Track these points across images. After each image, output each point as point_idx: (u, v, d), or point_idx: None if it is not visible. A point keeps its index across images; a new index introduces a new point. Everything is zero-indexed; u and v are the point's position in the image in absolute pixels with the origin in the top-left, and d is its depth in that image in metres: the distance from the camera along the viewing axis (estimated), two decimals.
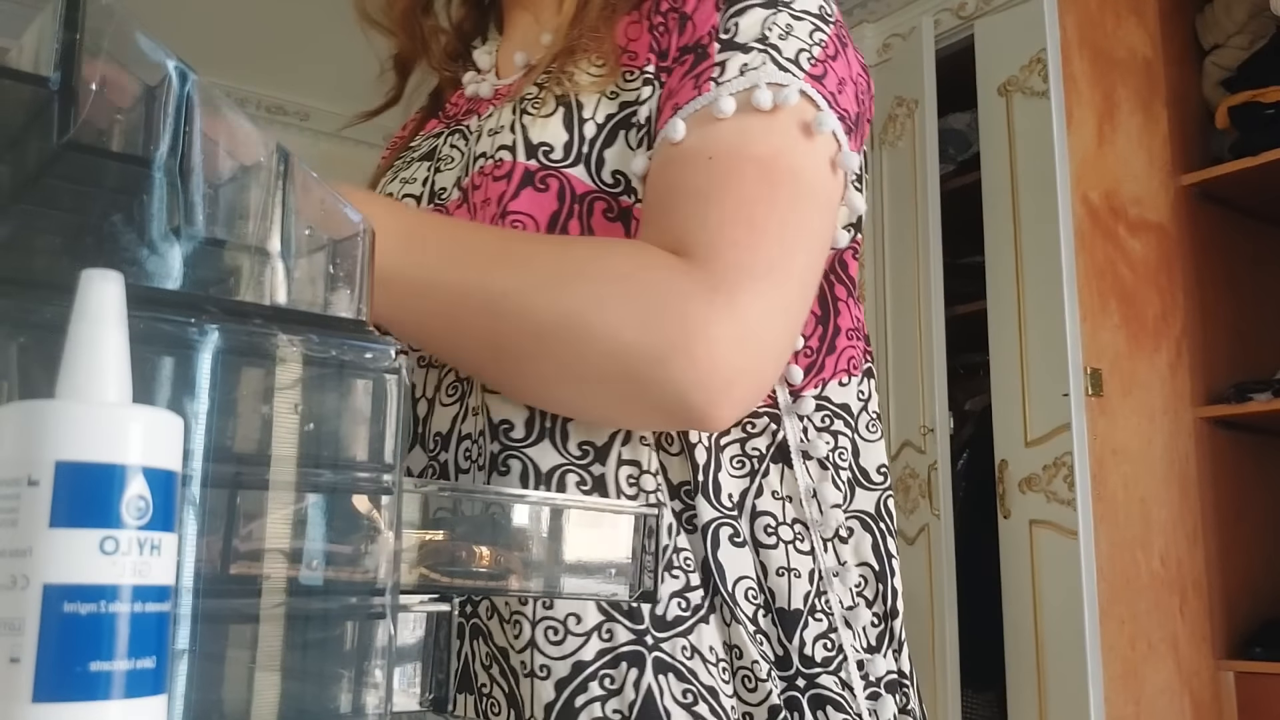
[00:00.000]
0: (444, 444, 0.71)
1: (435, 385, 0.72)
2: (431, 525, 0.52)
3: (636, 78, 0.71)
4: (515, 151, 0.71)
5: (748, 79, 0.66)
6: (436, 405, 0.72)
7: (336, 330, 0.43)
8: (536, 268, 0.62)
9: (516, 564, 0.56)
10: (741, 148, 0.65)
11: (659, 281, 0.62)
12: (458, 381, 0.71)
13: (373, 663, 0.42)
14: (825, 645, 0.67)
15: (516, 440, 0.67)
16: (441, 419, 0.71)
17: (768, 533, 0.68)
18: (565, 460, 0.66)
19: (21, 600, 0.30)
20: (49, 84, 0.40)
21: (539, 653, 0.63)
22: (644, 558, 0.58)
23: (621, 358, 0.61)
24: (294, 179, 0.45)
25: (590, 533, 0.57)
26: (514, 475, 0.66)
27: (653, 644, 0.64)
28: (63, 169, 0.41)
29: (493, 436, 0.67)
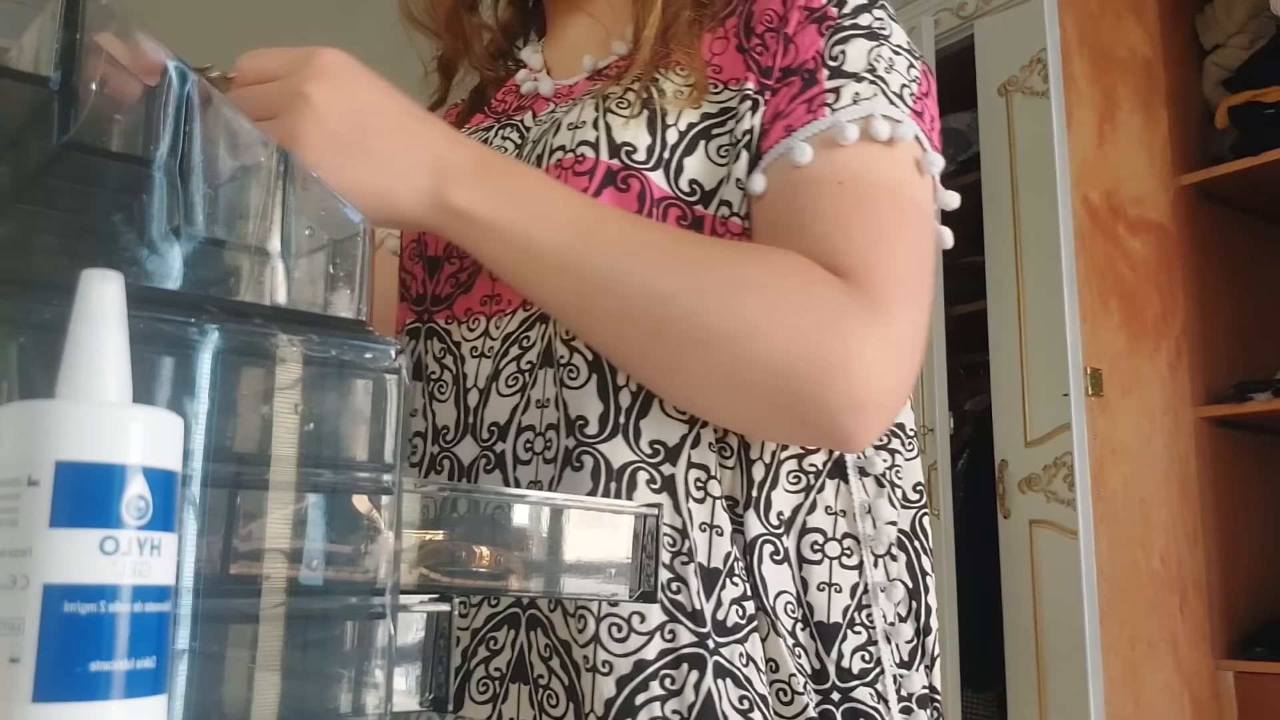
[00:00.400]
0: (501, 434, 0.70)
1: (490, 375, 0.72)
2: (433, 525, 0.52)
3: (721, 90, 0.72)
4: (598, 149, 0.71)
5: (862, 108, 0.68)
6: (492, 395, 0.72)
7: (336, 330, 0.43)
8: (710, 273, 0.63)
9: (516, 564, 0.56)
10: (867, 174, 0.67)
11: (826, 300, 0.63)
12: (519, 373, 0.71)
13: (373, 663, 0.42)
14: (864, 658, 0.68)
15: (590, 436, 0.67)
16: (498, 409, 0.71)
17: (814, 549, 0.69)
18: (637, 458, 0.67)
19: (21, 600, 0.30)
20: (49, 84, 0.40)
21: (602, 648, 0.64)
22: (644, 558, 0.58)
23: (783, 371, 0.62)
24: (294, 179, 0.45)
25: (590, 533, 0.57)
26: (586, 471, 0.66)
27: (714, 648, 0.64)
28: (63, 169, 0.41)
29: (568, 431, 0.68)
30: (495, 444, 0.70)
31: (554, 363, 0.69)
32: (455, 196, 0.62)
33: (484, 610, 0.68)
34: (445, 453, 0.73)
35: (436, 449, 0.73)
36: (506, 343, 0.72)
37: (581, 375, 0.68)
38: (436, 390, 0.75)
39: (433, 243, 0.79)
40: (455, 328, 0.76)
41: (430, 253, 0.79)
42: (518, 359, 0.71)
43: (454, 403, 0.73)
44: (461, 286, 0.76)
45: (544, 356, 0.70)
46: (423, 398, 0.75)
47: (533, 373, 0.70)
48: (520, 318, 0.72)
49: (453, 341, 0.75)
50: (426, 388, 0.76)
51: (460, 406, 0.73)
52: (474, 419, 0.72)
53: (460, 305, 0.76)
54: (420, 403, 0.75)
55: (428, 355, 0.76)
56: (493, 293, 0.74)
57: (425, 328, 0.78)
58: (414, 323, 0.79)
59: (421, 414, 0.75)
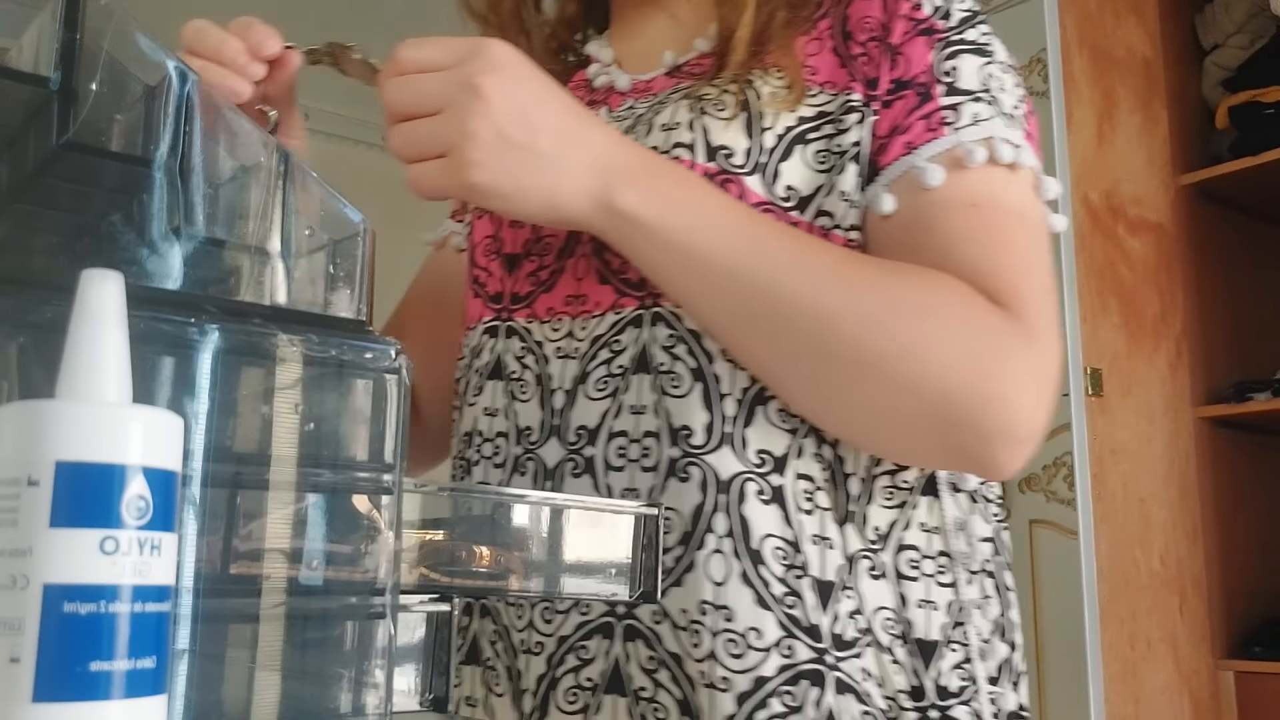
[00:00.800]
0: (590, 438, 0.69)
1: (577, 377, 0.71)
2: (432, 525, 0.52)
3: (817, 94, 0.70)
4: (695, 151, 0.70)
5: (982, 129, 0.67)
6: (580, 398, 0.70)
7: (336, 330, 0.43)
8: (875, 294, 0.62)
9: (516, 564, 0.56)
10: (998, 197, 0.67)
11: (988, 327, 0.63)
12: (610, 377, 0.69)
13: (373, 663, 0.42)
14: (960, 675, 0.66)
15: (697, 447, 0.66)
16: (587, 412, 0.70)
17: (911, 566, 0.68)
18: (745, 468, 0.65)
19: (21, 600, 0.30)
20: (49, 84, 0.40)
21: (719, 665, 0.62)
22: (644, 558, 0.58)
23: (946, 398, 0.61)
24: (294, 179, 0.45)
25: (590, 533, 0.57)
26: (694, 483, 0.65)
27: (832, 663, 0.63)
28: (63, 169, 0.41)
29: (671, 441, 0.66)
30: (583, 448, 0.69)
31: (651, 369, 0.68)
32: (621, 198, 0.61)
33: (573, 618, 0.67)
34: (529, 454, 0.71)
35: (520, 450, 0.72)
36: (595, 345, 0.70)
37: (685, 384, 0.67)
38: (518, 390, 0.73)
39: (510, 239, 0.77)
40: (536, 327, 0.74)
41: (508, 250, 0.77)
42: (608, 362, 0.70)
43: (538, 404, 0.72)
44: (543, 285, 0.75)
45: (638, 362, 0.68)
46: (505, 397, 0.74)
47: (625, 377, 0.69)
48: (610, 321, 0.70)
49: (533, 341, 0.74)
50: (507, 387, 0.74)
51: (545, 408, 0.71)
52: (560, 421, 0.70)
53: (541, 304, 0.74)
54: (502, 402, 0.74)
55: (508, 354, 0.75)
56: (577, 293, 0.73)
57: (504, 326, 0.76)
58: (492, 320, 0.77)
59: (503, 414, 0.73)
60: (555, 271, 0.74)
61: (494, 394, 0.74)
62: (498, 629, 0.70)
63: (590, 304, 0.72)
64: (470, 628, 0.73)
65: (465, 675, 0.73)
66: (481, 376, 0.76)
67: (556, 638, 0.67)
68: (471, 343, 0.78)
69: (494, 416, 0.74)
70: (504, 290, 0.77)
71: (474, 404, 0.76)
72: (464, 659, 0.73)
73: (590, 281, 0.71)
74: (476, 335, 0.78)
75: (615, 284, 0.71)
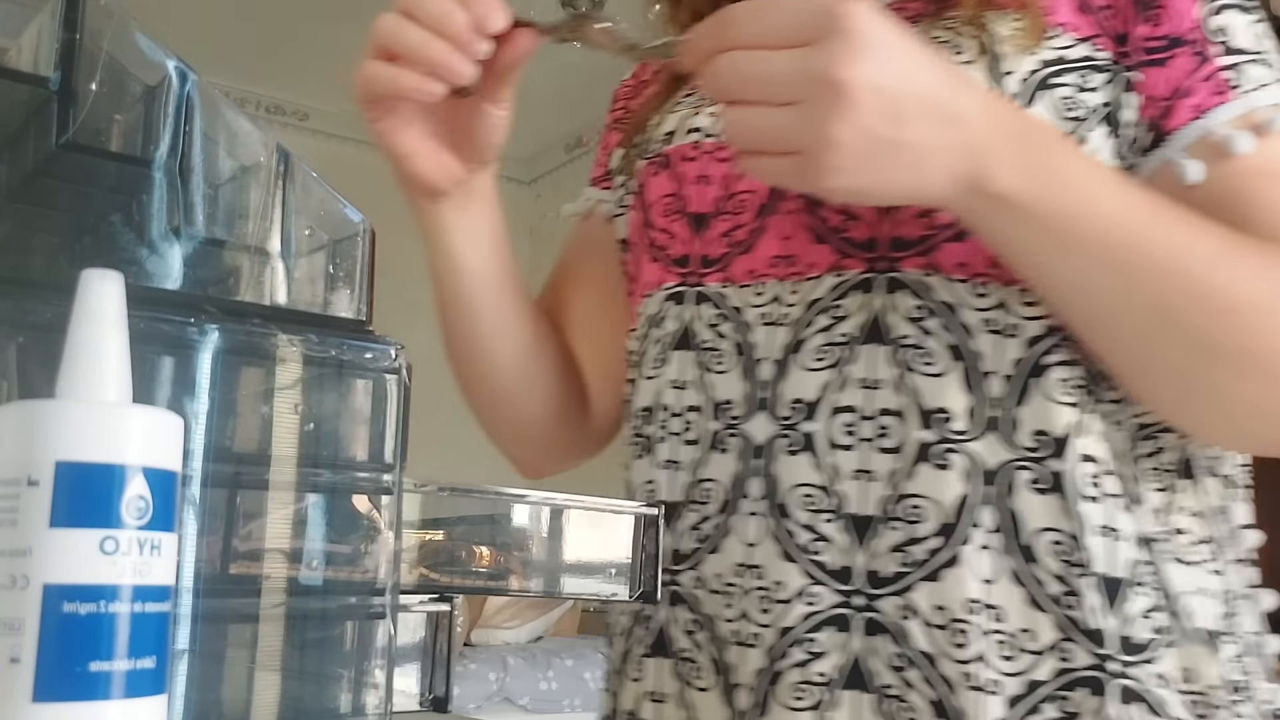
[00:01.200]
0: (809, 413, 0.63)
1: (788, 345, 0.65)
2: (432, 525, 0.52)
3: (1057, 35, 0.64)
4: None
5: (1271, 94, 0.63)
6: (793, 368, 0.64)
7: (336, 330, 0.43)
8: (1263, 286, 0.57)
9: (516, 564, 0.56)
10: None
11: None
12: (831, 345, 0.63)
13: (373, 663, 0.42)
14: (1240, 670, 0.62)
15: (958, 433, 0.60)
16: (802, 384, 0.64)
17: (1188, 550, 0.63)
18: (1015, 456, 0.60)
19: (21, 600, 0.30)
20: (49, 84, 0.40)
21: (988, 666, 0.58)
22: (644, 558, 0.58)
23: None
24: (294, 179, 0.45)
25: (590, 533, 0.58)
26: (956, 472, 0.60)
27: (1118, 670, 0.58)
28: (62, 169, 0.41)
29: (923, 423, 0.61)
30: (800, 423, 0.63)
31: (888, 340, 0.62)
32: (995, 182, 0.54)
33: (796, 608, 0.61)
34: (730, 430, 0.65)
35: (719, 425, 0.66)
36: (812, 310, 0.64)
37: (939, 361, 0.61)
38: (712, 361, 0.67)
39: (696, 197, 0.71)
40: (734, 291, 0.67)
41: (694, 208, 0.70)
42: (828, 329, 0.64)
43: (740, 375, 0.66)
44: (740, 246, 0.68)
45: (869, 330, 0.62)
46: (696, 368, 0.68)
47: (851, 346, 0.63)
48: (829, 284, 0.64)
49: (729, 306, 0.67)
50: (699, 358, 0.68)
51: (749, 379, 0.65)
52: (768, 393, 0.64)
53: (739, 267, 0.68)
54: (693, 374, 0.68)
55: (698, 322, 0.68)
56: (785, 253, 0.66)
57: (693, 291, 0.69)
58: (676, 286, 0.70)
59: (695, 387, 0.67)
60: (755, 230, 0.68)
61: (682, 365, 0.69)
62: (697, 618, 0.65)
63: (802, 265, 0.65)
64: (655, 617, 0.67)
65: (649, 668, 0.67)
66: (665, 347, 0.70)
67: (777, 629, 0.62)
68: (649, 310, 0.72)
69: (683, 389, 0.68)
70: (690, 253, 0.70)
71: (655, 376, 0.70)
72: (648, 651, 0.67)
73: (801, 240, 0.65)
74: (656, 302, 0.72)
75: (835, 243, 0.64)
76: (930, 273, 0.62)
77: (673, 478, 0.67)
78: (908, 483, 0.60)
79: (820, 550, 0.60)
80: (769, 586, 0.62)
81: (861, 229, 0.63)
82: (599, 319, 0.82)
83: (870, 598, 0.60)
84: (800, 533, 0.61)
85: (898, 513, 0.59)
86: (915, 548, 0.59)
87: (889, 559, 0.59)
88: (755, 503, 0.62)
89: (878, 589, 0.60)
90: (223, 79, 3.74)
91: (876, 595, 0.60)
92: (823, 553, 0.60)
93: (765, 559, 0.62)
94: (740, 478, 0.64)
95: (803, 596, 0.61)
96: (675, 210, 0.72)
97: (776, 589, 0.61)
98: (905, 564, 0.59)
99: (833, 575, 0.60)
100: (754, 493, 0.63)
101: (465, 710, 2.65)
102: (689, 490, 0.66)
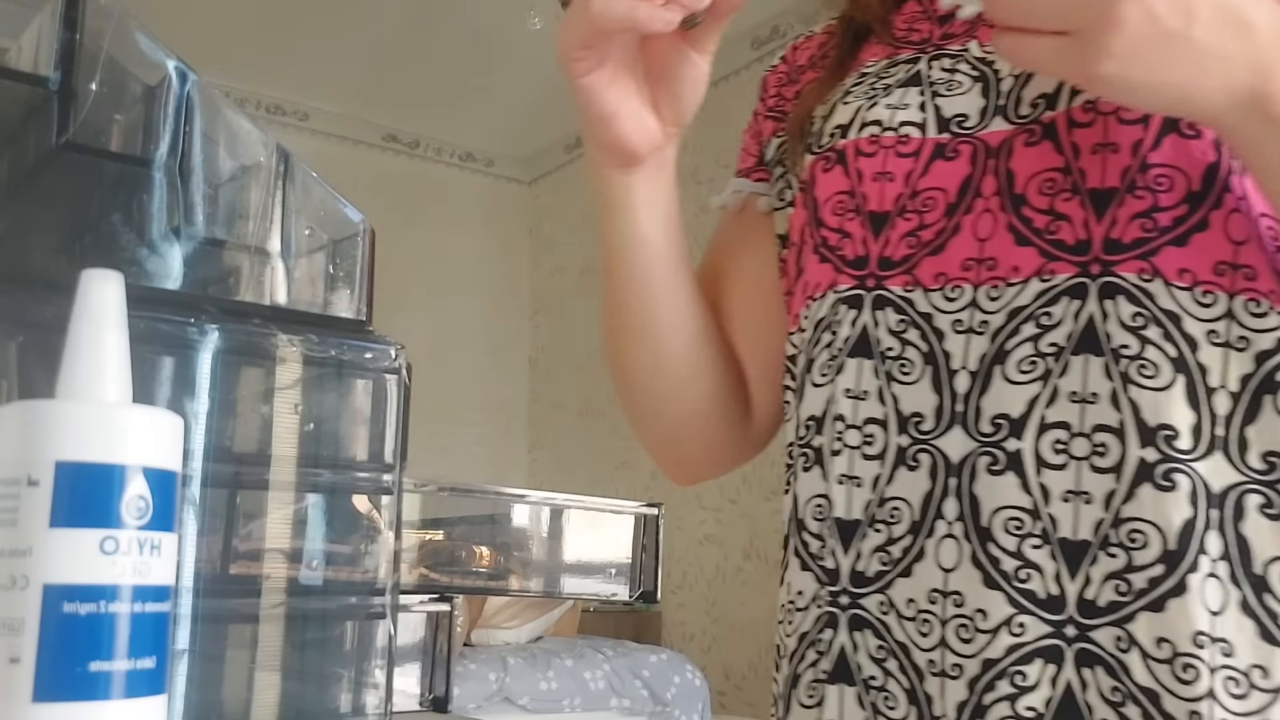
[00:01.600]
0: (1014, 430, 0.59)
1: (989, 356, 0.60)
2: (432, 525, 0.52)
3: None
4: None
5: None
6: (995, 380, 0.60)
7: (336, 330, 0.43)
8: None
9: (516, 564, 0.56)
10: None
11: None
12: (1038, 356, 0.59)
13: (373, 663, 0.42)
14: None
15: (1182, 452, 0.56)
16: (1006, 398, 0.59)
17: None
18: (1243, 478, 0.55)
19: (21, 600, 0.30)
20: (49, 84, 0.40)
21: (1219, 705, 0.54)
22: (644, 558, 0.58)
23: None
24: (294, 179, 0.44)
25: (590, 533, 0.57)
26: (1180, 493, 0.55)
27: None
28: (62, 168, 0.41)
29: (1143, 440, 0.56)
30: (1004, 440, 0.59)
31: (1106, 351, 0.57)
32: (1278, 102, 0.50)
33: (1002, 639, 0.58)
34: (920, 445, 0.61)
35: (906, 440, 0.61)
36: (1015, 318, 0.59)
37: (1163, 374, 0.56)
38: (897, 370, 0.62)
39: (875, 195, 0.66)
40: (921, 296, 0.63)
41: (873, 206, 0.66)
42: (1035, 339, 0.59)
43: (930, 386, 0.61)
44: (926, 247, 0.63)
45: (1082, 340, 0.58)
46: (877, 378, 0.63)
47: (1061, 358, 0.58)
48: (1035, 289, 0.59)
49: (918, 312, 0.63)
50: (881, 366, 0.63)
51: (942, 391, 0.61)
52: (965, 407, 0.60)
53: (927, 269, 0.63)
54: (873, 384, 0.63)
55: (879, 328, 0.64)
56: (981, 255, 0.61)
57: (871, 295, 0.65)
58: (851, 289, 0.65)
59: (876, 397, 0.63)
60: (945, 230, 0.63)
61: (859, 373, 0.64)
62: (885, 645, 0.61)
63: (1003, 269, 0.60)
64: (834, 641, 0.63)
65: (829, 695, 0.63)
66: (839, 353, 0.65)
67: (980, 660, 0.58)
68: (818, 314, 0.67)
69: (861, 400, 0.64)
70: (868, 253, 0.65)
71: (825, 384, 0.65)
72: (828, 677, 0.63)
73: (1001, 242, 0.60)
74: (826, 305, 0.67)
75: (1040, 245, 0.59)
76: (1150, 278, 0.57)
77: (851, 494, 0.62)
78: (1127, 505, 0.55)
79: (1028, 578, 0.56)
80: (970, 615, 0.58)
81: (1071, 230, 0.58)
82: (759, 317, 0.77)
83: (1083, 628, 0.56)
84: (1005, 559, 0.57)
85: (1116, 538, 0.55)
86: (1135, 575, 0.55)
87: (1105, 587, 0.55)
88: (952, 525, 0.58)
89: (1092, 619, 0.56)
90: (223, 79, 3.74)
91: (1091, 626, 0.55)
92: (1030, 580, 0.56)
93: (964, 585, 0.58)
94: (933, 497, 0.59)
95: (1008, 626, 0.57)
96: (850, 209, 0.67)
97: (979, 618, 0.58)
98: (1122, 593, 0.55)
99: (1042, 604, 0.56)
100: (950, 514, 0.59)
101: (465, 710, 2.65)
102: (871, 509, 0.61)
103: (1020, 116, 0.62)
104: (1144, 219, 0.57)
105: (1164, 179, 0.57)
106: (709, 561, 3.78)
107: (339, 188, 0.47)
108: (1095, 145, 0.59)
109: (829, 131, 0.69)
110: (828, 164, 0.68)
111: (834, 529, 0.62)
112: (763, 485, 3.56)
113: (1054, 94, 0.61)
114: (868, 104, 0.68)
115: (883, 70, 0.70)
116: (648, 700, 3.08)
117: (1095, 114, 0.59)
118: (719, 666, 3.67)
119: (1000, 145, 0.62)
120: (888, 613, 0.61)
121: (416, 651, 0.55)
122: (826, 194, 0.68)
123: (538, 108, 4.26)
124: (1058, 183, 0.59)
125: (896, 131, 0.66)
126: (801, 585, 0.65)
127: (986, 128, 0.63)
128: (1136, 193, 0.57)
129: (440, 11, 3.49)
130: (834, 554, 0.62)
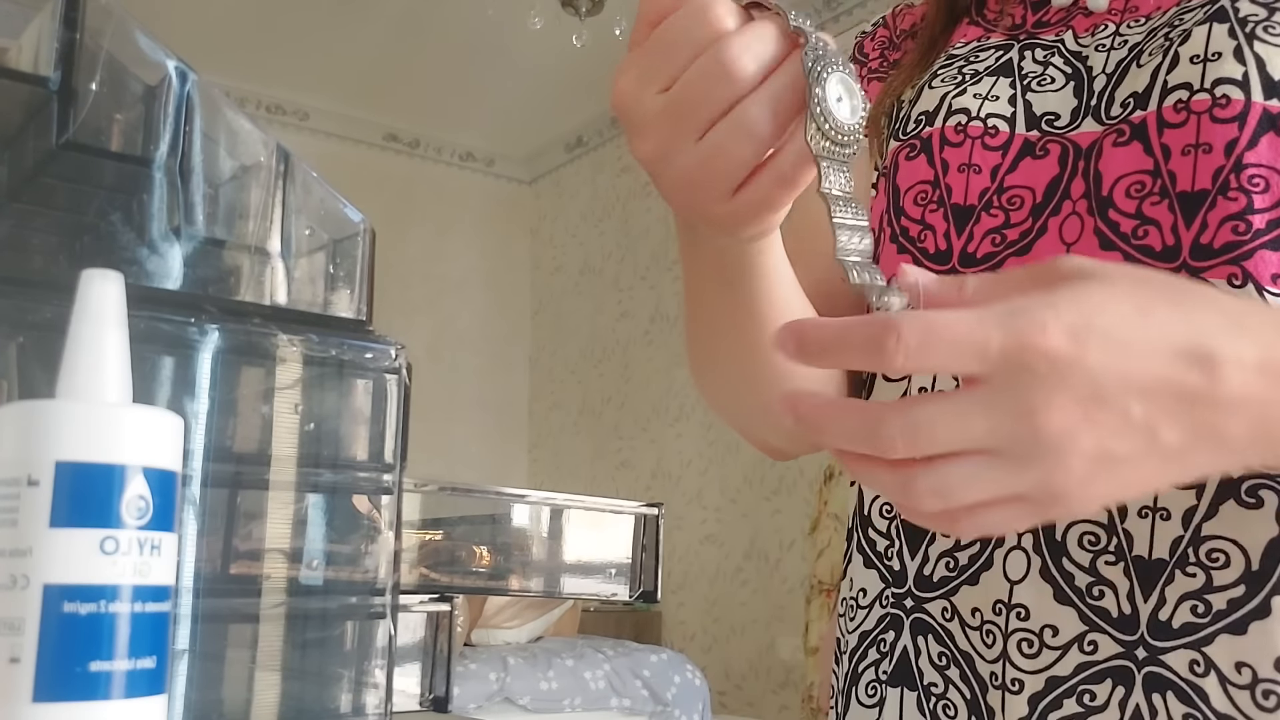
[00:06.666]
0: None
1: None
2: (432, 525, 0.52)
3: None
4: (1248, 87, 0.55)
5: None
6: None
7: (336, 330, 0.43)
8: None
9: (516, 564, 0.55)
10: None
11: None
12: None
13: (373, 663, 0.42)
14: None
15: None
16: None
17: None
18: None
19: (21, 600, 0.30)
20: (49, 84, 0.40)
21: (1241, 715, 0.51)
22: (644, 558, 0.58)
23: None
24: (294, 179, 0.45)
25: (590, 533, 0.57)
26: (1267, 510, 0.52)
27: None
28: (62, 168, 0.41)
29: None
30: None
31: None
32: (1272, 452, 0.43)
33: (1072, 656, 0.55)
34: None
35: None
36: None
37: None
38: None
39: (959, 187, 0.62)
40: None
41: (956, 199, 0.63)
42: None
43: None
44: (1012, 247, 0.60)
45: None
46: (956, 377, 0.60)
47: None
48: None
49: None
50: None
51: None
52: None
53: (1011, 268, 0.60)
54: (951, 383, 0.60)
55: None
56: None
57: None
58: None
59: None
60: (1031, 231, 0.60)
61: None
62: (947, 652, 0.59)
63: None
64: (897, 643, 0.62)
65: (890, 697, 0.62)
66: None
67: (1045, 676, 0.55)
68: None
69: None
70: (950, 248, 0.63)
71: (900, 379, 0.63)
72: (889, 679, 0.62)
73: (1087, 246, 0.58)
74: None
75: (1128, 250, 0.57)
76: (1240, 283, 0.54)
77: None
78: (1209, 523, 0.52)
79: (1101, 595, 0.54)
80: (1036, 630, 0.56)
81: (1159, 236, 0.56)
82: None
83: (1156, 650, 0.53)
84: (1078, 575, 0.55)
85: (1195, 556, 0.52)
86: (1214, 596, 0.52)
87: (1180, 608, 0.52)
88: (1022, 536, 0.56)
89: (1165, 640, 0.53)
90: (223, 79, 3.74)
91: (1165, 649, 0.53)
92: (1104, 598, 0.54)
93: (1032, 599, 0.56)
94: None
95: (1078, 644, 0.55)
96: (932, 200, 0.64)
97: (1047, 634, 0.56)
98: (1199, 614, 0.52)
99: (1114, 624, 0.54)
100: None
101: (465, 710, 2.65)
102: None
103: (1111, 117, 0.59)
104: (1236, 221, 0.54)
105: (1259, 179, 0.55)
106: (709, 561, 3.78)
107: (339, 187, 0.47)
108: (1186, 146, 0.56)
109: (915, 118, 0.66)
110: (911, 152, 0.66)
111: (900, 530, 0.61)
112: (763, 485, 3.57)
113: (1145, 92, 0.58)
114: (955, 90, 0.66)
115: (971, 54, 0.68)
116: (648, 700, 3.08)
117: (1188, 112, 0.56)
118: (719, 666, 3.67)
119: (1090, 146, 0.60)
120: (950, 619, 0.59)
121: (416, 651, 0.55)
122: (908, 183, 0.65)
123: (538, 108, 4.26)
124: (1146, 186, 0.57)
125: (984, 122, 0.63)
126: (865, 583, 0.64)
127: (1078, 128, 0.61)
128: (1230, 194, 0.55)
129: (440, 11, 3.49)
130: (900, 556, 0.61)
